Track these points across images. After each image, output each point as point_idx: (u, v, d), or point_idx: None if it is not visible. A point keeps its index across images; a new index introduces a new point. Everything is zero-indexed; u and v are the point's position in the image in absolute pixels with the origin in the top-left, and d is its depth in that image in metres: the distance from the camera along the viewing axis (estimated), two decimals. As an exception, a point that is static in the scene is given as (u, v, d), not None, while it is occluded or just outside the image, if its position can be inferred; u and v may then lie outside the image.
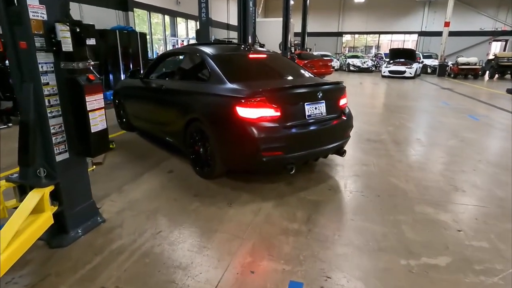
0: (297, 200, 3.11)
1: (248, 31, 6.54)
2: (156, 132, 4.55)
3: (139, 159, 4.22)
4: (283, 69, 3.99)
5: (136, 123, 5.15)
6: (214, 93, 3.31)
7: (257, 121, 3.00)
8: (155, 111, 4.40)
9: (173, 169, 3.88)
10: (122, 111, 5.62)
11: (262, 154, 3.01)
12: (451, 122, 6.75)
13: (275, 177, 3.62)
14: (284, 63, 4.17)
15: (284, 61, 4.28)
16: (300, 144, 3.18)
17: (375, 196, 3.22)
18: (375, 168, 3.99)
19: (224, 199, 3.12)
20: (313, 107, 3.30)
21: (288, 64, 4.13)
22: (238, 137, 3.07)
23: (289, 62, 4.17)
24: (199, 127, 3.47)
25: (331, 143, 3.45)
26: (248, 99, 2.99)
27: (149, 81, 4.60)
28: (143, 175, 3.69)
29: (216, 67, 3.46)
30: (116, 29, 9.33)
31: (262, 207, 2.97)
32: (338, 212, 2.90)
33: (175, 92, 3.90)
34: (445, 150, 4.80)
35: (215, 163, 3.36)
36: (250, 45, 3.96)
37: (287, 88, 3.17)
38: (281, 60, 4.32)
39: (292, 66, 4.09)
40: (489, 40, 24.53)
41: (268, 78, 3.71)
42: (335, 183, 3.53)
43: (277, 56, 4.43)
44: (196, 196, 3.18)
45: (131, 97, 5.14)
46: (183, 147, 3.91)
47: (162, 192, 3.27)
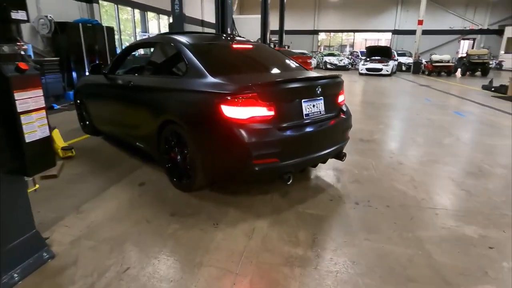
0: (296, 216, 2.60)
1: (227, 24, 5.98)
2: (125, 136, 3.90)
3: (104, 169, 3.55)
4: (272, 62, 3.47)
5: (101, 126, 4.46)
6: (192, 89, 2.73)
7: (247, 122, 2.46)
8: (123, 112, 3.75)
9: (145, 180, 3.26)
10: (84, 113, 4.89)
11: (253, 163, 2.48)
12: (439, 119, 6.52)
13: (266, 187, 3.10)
14: (272, 54, 3.66)
15: (272, 52, 3.76)
16: (298, 149, 2.68)
17: (384, 207, 2.78)
18: (376, 172, 3.57)
19: (208, 218, 2.55)
20: (311, 105, 2.80)
21: (277, 55, 3.62)
22: (224, 142, 2.52)
23: (277, 53, 3.66)
24: (175, 131, 2.89)
25: (331, 146, 2.98)
26: (235, 96, 2.44)
27: (114, 77, 3.94)
28: (108, 190, 3.04)
29: (194, 59, 2.89)
30: (79, 22, 8.45)
31: (256, 226, 2.44)
32: (347, 230, 2.42)
33: (146, 89, 3.28)
34: (443, 149, 4.48)
35: (195, 173, 2.79)
36: (233, 34, 3.41)
37: (281, 82, 2.64)
38: (268, 51, 3.80)
39: (281, 58, 3.58)
40: (459, 38, 25.30)
41: (256, 71, 3.18)
42: (335, 192, 3.06)
43: (263, 47, 3.91)
44: (173, 215, 2.60)
45: (95, 96, 4.44)
46: (156, 154, 3.30)
47: (132, 211, 2.65)
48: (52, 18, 7.72)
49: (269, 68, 3.30)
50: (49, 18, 7.68)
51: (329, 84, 2.93)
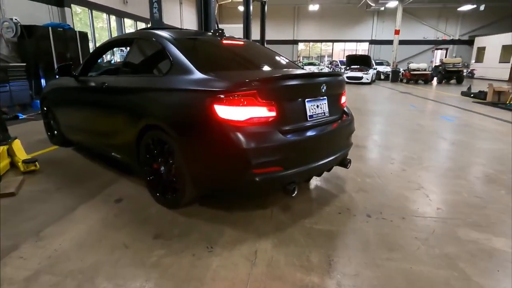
0: (303, 233, 2.23)
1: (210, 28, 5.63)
2: (99, 146, 3.43)
3: (73, 185, 3.06)
4: (266, 59, 3.12)
5: (72, 135, 3.95)
6: (179, 87, 2.34)
7: (246, 125, 2.09)
8: (96, 118, 3.28)
9: (122, 196, 2.80)
10: (52, 121, 4.36)
11: (253, 172, 2.10)
12: (429, 124, 6.40)
13: (264, 200, 2.72)
14: (265, 52, 3.32)
15: (265, 49, 3.43)
16: (303, 155, 2.33)
17: (400, 219, 2.46)
18: (381, 180, 3.27)
19: (200, 239, 2.14)
20: (314, 105, 2.47)
21: (271, 53, 3.28)
22: (218, 149, 2.13)
23: (271, 52, 3.32)
24: (159, 137, 2.47)
25: (336, 152, 2.65)
26: (231, 94, 2.07)
27: (86, 79, 3.48)
28: (76, 209, 2.56)
29: (179, 54, 2.50)
30: (49, 26, 7.86)
31: (259, 248, 2.05)
32: (365, 248, 2.07)
33: (122, 90, 2.85)
34: (442, 154, 4.27)
35: (183, 186, 2.37)
36: (221, 30, 3.06)
37: (284, 78, 2.29)
38: (261, 48, 3.46)
39: (275, 55, 3.25)
40: (432, 48, 26.21)
41: (250, 68, 2.83)
42: (342, 204, 2.72)
43: (255, 44, 3.57)
44: (158, 237, 2.16)
45: (64, 102, 3.94)
46: (135, 166, 2.86)
47: (106, 235, 2.19)
48: (18, 21, 7.11)
49: (264, 65, 2.95)
50: (15, 21, 7.07)
51: (333, 83, 2.62)
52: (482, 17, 24.16)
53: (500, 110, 8.41)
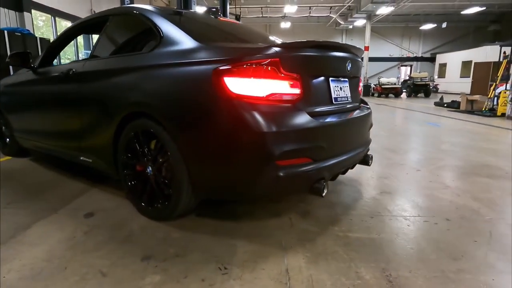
0: (339, 244, 1.74)
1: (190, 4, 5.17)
2: (63, 151, 2.75)
3: (28, 199, 2.38)
4: (265, 38, 2.66)
5: (28, 142, 3.24)
6: (173, 62, 1.81)
7: (266, 102, 1.61)
8: (59, 116, 2.65)
9: (94, 210, 2.17)
10: (4, 127, 3.63)
11: (276, 164, 1.60)
12: (419, 129, 6.24)
13: (271, 205, 2.22)
14: (262, 32, 2.86)
15: (261, 31, 2.96)
16: (333, 145, 1.86)
17: (444, 221, 2.05)
18: (400, 181, 2.88)
19: (207, 259, 1.58)
20: (338, 87, 2.05)
21: (266, 34, 2.82)
22: (230, 135, 1.60)
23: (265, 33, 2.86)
24: (144, 128, 1.91)
25: (361, 146, 2.22)
26: (247, 62, 1.59)
27: (47, 69, 2.85)
28: (31, 227, 1.91)
29: (171, 24, 2.00)
30: (4, 30, 7.03)
31: (290, 266, 1.52)
32: (423, 258, 1.61)
33: (95, 76, 2.28)
34: (450, 155, 4.00)
35: (179, 190, 1.81)
36: (215, 9, 2.60)
37: (310, 45, 1.80)
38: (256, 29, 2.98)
39: (271, 37, 2.79)
40: (398, 65, 27.38)
41: (254, 42, 2.34)
42: (370, 207, 2.27)
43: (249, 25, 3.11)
44: (147, 259, 1.57)
45: (18, 102, 3.25)
46: (112, 170, 2.25)
47: (73, 259, 1.57)
48: (-34, 22, 6.26)
49: (268, 41, 2.50)
50: (-37, 21, 6.22)
51: (356, 61, 2.21)
52: (442, 36, 25.69)
53: (478, 117, 8.55)
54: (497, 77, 9.45)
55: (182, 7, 5.05)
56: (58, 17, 10.33)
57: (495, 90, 9.28)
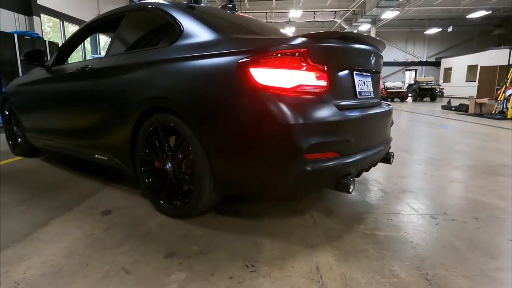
0: (369, 242, 1.67)
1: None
2: (78, 149, 2.71)
3: (42, 197, 2.34)
4: (282, 33, 2.60)
5: (40, 141, 3.21)
6: (195, 54, 1.77)
7: (294, 94, 1.56)
8: (75, 114, 2.61)
9: (110, 208, 2.12)
10: (16, 127, 3.61)
11: (304, 158, 1.54)
12: (430, 131, 6.16)
13: (291, 204, 2.16)
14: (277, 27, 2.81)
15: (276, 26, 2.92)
16: (360, 140, 1.80)
17: (472, 219, 1.97)
18: (420, 181, 2.80)
19: (232, 256, 1.52)
20: (362, 81, 2.00)
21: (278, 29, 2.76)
22: (255, 127, 1.55)
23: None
24: (165, 123, 1.87)
25: (384, 143, 2.16)
26: (274, 52, 1.54)
27: (61, 67, 2.84)
28: (48, 224, 1.86)
29: (192, 17, 1.97)
30: (14, 33, 7.07)
31: (319, 263, 1.46)
32: (459, 257, 1.53)
33: (113, 71, 2.24)
34: (465, 155, 3.91)
35: (201, 186, 1.75)
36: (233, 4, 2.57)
37: (337, 36, 1.75)
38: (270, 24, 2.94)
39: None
40: (402, 69, 27.34)
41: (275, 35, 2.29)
42: (394, 205, 2.20)
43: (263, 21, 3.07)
44: (171, 256, 1.52)
45: (31, 101, 3.22)
46: (128, 167, 2.21)
47: (94, 256, 1.52)
48: (-23, 25, 6.30)
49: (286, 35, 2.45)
50: (-26, 25, 6.26)
51: (379, 56, 2.17)
52: (447, 40, 25.66)
53: (488, 119, 8.45)
54: (507, 79, 9.37)
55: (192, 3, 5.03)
56: (66, 22, 10.41)
57: (504, 93, 9.20)
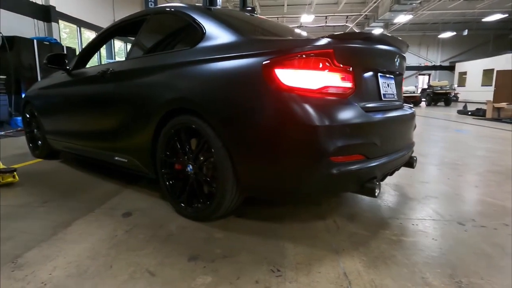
0: (395, 247, 1.62)
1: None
2: (97, 151, 2.73)
3: (63, 198, 2.36)
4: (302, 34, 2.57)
5: (60, 143, 3.25)
6: (218, 56, 1.77)
7: (319, 95, 1.53)
8: (95, 116, 2.64)
9: (130, 209, 2.12)
10: (36, 130, 3.67)
11: (330, 160, 1.51)
12: (448, 136, 6.03)
13: (312, 207, 2.12)
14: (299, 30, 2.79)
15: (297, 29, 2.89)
16: (385, 143, 1.76)
17: (504, 227, 1.90)
18: (443, 186, 2.73)
19: (256, 260, 1.49)
20: (386, 83, 1.96)
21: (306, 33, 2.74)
22: (280, 128, 1.53)
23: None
24: (187, 125, 1.86)
25: (408, 147, 2.11)
26: (300, 53, 1.52)
27: (82, 71, 2.88)
28: (71, 225, 1.87)
29: (214, 19, 1.97)
30: (34, 39, 7.26)
31: (347, 269, 1.42)
32: (493, 265, 1.47)
33: (134, 74, 2.26)
34: (486, 160, 3.80)
35: (223, 189, 1.74)
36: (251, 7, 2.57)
37: (363, 37, 1.72)
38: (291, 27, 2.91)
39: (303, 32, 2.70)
40: (416, 74, 27.00)
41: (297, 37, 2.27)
42: (419, 211, 2.14)
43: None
44: (195, 259, 1.50)
45: (52, 104, 3.28)
46: (149, 169, 2.21)
47: (118, 257, 1.51)
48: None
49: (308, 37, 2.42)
50: (-4, 31, 6.45)
51: (403, 58, 2.13)
52: (462, 44, 25.26)
53: (507, 124, 8.24)
54: (526, 83, 9.13)
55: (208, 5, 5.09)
56: (82, 27, 10.65)
57: (524, 97, 8.96)
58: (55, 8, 8.62)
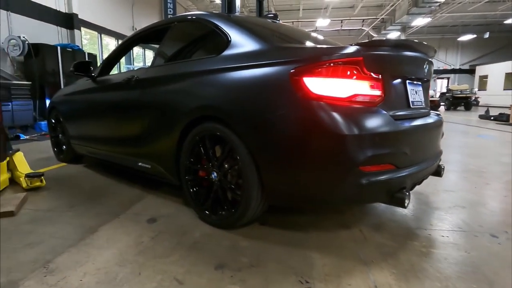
0: (425, 260, 1.57)
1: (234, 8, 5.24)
2: (121, 157, 2.78)
3: (88, 203, 2.41)
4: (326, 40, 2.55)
5: (84, 148, 3.33)
6: (245, 64, 1.77)
7: (349, 104, 1.51)
8: (120, 122, 2.69)
9: (155, 215, 2.14)
10: (61, 135, 3.77)
11: (360, 170, 1.48)
12: (471, 142, 5.85)
13: (336, 216, 2.09)
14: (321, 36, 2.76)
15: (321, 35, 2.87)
16: (415, 152, 1.72)
17: (539, 240, 1.82)
18: (471, 195, 2.64)
19: (284, 270, 1.47)
20: (414, 90, 1.92)
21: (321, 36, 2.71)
22: (309, 137, 1.51)
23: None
24: (212, 132, 1.87)
25: (436, 154, 2.06)
26: (328, 61, 1.51)
27: (107, 78, 2.94)
28: (98, 231, 1.90)
29: (239, 27, 1.98)
30: (57, 46, 7.50)
31: (378, 282, 1.38)
32: (531, 281, 1.41)
33: (160, 81, 2.29)
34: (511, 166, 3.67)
35: (248, 196, 1.73)
36: (274, 14, 2.58)
37: (393, 44, 1.72)
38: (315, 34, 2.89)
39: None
40: (434, 78, 26.43)
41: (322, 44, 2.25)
42: (447, 221, 2.07)
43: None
44: (221, 267, 1.49)
45: (77, 110, 3.36)
46: (172, 176, 2.23)
47: (146, 264, 1.52)
48: (25, 38, 6.74)
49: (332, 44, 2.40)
50: (22, 38, 6.69)
51: (431, 64, 2.08)
52: (482, 47, 24.60)
53: (534, 130, 7.93)
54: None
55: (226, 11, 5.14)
56: (103, 34, 10.94)
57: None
58: (77, 16, 8.89)
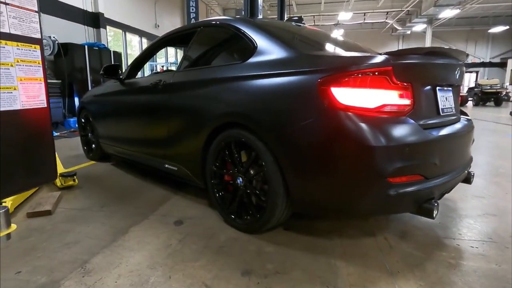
0: (454, 272, 1.55)
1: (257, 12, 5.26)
2: (148, 158, 2.87)
3: (118, 203, 2.51)
4: (354, 45, 2.51)
5: (112, 148, 3.45)
6: (271, 72, 1.79)
7: (377, 114, 1.50)
8: (147, 125, 2.77)
9: (181, 218, 2.21)
10: (90, 134, 3.92)
11: (388, 181, 1.47)
12: (500, 142, 5.62)
13: (360, 223, 2.08)
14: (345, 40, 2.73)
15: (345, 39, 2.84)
16: (444, 162, 1.68)
17: None
18: (501, 201, 2.55)
19: (310, 278, 1.49)
20: (444, 96, 1.87)
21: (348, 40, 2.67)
22: (336, 147, 1.52)
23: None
24: (238, 138, 1.91)
25: (466, 162, 2.00)
26: (356, 71, 1.50)
27: (135, 81, 3.03)
28: (128, 232, 1.99)
29: (265, 33, 1.99)
30: (85, 45, 7.75)
31: (404, 295, 1.38)
32: None
33: (186, 86, 2.34)
34: (550, 172, 3.50)
35: (274, 203, 1.76)
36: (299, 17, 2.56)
37: (423, 52, 1.69)
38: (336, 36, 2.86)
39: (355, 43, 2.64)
40: (462, 71, 25.37)
41: (349, 49, 2.23)
42: (476, 231, 2.02)
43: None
44: (247, 273, 1.53)
45: (106, 110, 3.48)
46: (198, 179, 2.28)
47: (175, 268, 1.58)
48: (56, 38, 7.00)
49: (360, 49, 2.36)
50: (53, 38, 6.96)
51: (463, 69, 2.02)
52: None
53: None
54: None
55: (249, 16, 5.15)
56: (127, 32, 11.19)
57: None
58: (103, 15, 9.13)
